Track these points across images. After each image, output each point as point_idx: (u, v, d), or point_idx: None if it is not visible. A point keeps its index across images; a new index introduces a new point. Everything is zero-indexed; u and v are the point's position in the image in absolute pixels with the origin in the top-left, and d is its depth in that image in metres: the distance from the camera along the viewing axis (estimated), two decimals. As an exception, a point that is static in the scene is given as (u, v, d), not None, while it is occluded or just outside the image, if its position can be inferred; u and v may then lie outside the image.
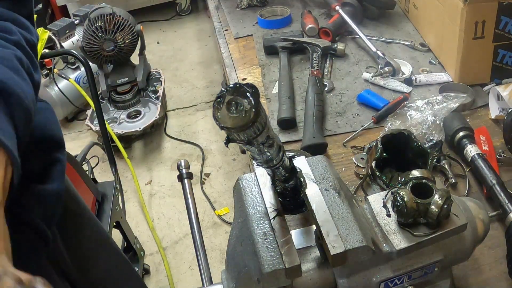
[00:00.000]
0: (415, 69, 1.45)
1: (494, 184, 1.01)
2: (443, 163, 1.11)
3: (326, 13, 1.79)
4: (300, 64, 1.55)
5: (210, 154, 2.86)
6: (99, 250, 1.14)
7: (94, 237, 1.13)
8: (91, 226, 1.13)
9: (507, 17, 1.22)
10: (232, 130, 0.55)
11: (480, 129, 1.18)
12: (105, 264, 1.14)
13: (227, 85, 0.59)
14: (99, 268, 1.10)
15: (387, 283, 0.74)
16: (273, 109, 1.36)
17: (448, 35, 1.34)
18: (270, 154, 0.65)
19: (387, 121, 1.23)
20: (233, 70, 1.58)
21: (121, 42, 2.70)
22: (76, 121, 3.23)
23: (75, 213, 1.05)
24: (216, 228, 2.43)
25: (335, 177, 0.77)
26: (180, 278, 2.24)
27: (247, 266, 0.69)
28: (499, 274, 0.91)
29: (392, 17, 1.71)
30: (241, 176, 0.80)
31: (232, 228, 0.79)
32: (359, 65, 1.52)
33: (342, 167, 1.16)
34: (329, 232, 0.68)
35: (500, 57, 1.29)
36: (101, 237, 1.17)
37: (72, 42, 3.02)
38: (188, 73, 3.61)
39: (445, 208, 0.70)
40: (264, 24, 1.78)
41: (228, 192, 2.58)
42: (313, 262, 0.74)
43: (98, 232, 1.17)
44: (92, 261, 1.08)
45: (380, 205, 0.76)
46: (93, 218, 1.17)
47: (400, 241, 0.71)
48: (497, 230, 0.97)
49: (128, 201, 2.53)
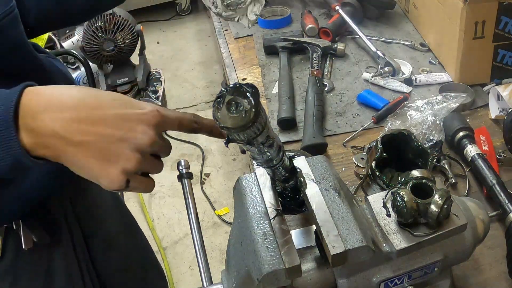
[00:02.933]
0: (415, 69, 1.45)
1: (494, 184, 1.01)
2: (443, 163, 1.11)
3: (326, 13, 1.79)
4: (300, 64, 1.55)
5: (210, 154, 2.86)
6: (124, 232, 1.20)
7: (121, 220, 1.20)
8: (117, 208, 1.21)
9: (507, 17, 1.22)
10: (232, 130, 0.55)
11: (480, 129, 1.18)
12: (127, 249, 1.18)
13: (227, 85, 0.59)
14: (121, 251, 1.15)
15: (387, 283, 0.74)
16: (273, 109, 1.36)
17: (448, 35, 1.34)
18: (270, 154, 0.65)
19: (387, 121, 1.23)
20: (233, 70, 1.58)
21: (121, 42, 2.70)
22: (76, 121, 3.22)
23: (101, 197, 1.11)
24: (216, 228, 2.43)
25: (335, 177, 0.77)
26: (180, 278, 2.24)
27: (247, 266, 0.69)
28: (499, 274, 0.91)
29: (392, 17, 1.71)
30: (241, 176, 0.80)
31: (232, 228, 0.79)
32: (359, 65, 1.52)
33: (342, 167, 1.16)
34: (329, 232, 0.68)
35: (500, 57, 1.29)
36: (128, 222, 1.24)
37: (72, 42, 3.02)
38: (188, 73, 3.61)
39: (445, 208, 0.70)
40: (264, 24, 1.77)
41: (228, 192, 2.58)
42: (313, 262, 0.74)
43: (126, 215, 1.24)
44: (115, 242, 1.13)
45: (380, 205, 0.76)
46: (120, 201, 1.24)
47: (400, 241, 0.71)
48: (497, 230, 0.97)
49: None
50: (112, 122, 0.58)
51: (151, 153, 0.61)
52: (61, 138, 0.57)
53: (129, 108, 0.60)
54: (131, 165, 0.59)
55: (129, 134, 0.58)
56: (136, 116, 0.59)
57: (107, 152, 0.57)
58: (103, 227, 1.10)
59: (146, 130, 0.59)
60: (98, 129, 0.57)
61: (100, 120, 0.58)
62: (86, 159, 0.58)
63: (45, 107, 0.57)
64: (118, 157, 0.58)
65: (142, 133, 0.59)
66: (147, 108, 0.60)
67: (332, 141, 1.24)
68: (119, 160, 0.58)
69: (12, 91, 0.57)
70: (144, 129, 0.59)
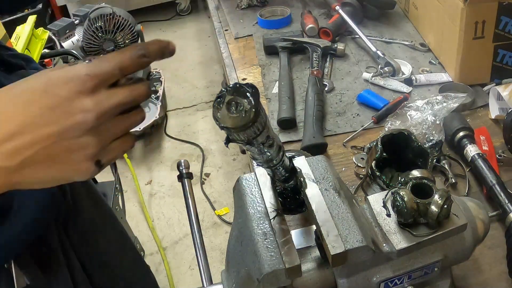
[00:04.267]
0: (415, 69, 1.45)
1: (494, 184, 1.01)
2: (443, 163, 1.11)
3: (326, 13, 1.79)
4: (300, 64, 1.55)
5: (210, 154, 2.86)
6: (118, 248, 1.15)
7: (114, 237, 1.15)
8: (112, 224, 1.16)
9: (507, 17, 1.22)
10: (232, 130, 0.55)
11: (480, 129, 1.18)
12: (123, 260, 1.15)
13: (227, 85, 0.59)
14: (116, 263, 1.11)
15: (387, 283, 0.74)
16: (273, 109, 1.36)
17: (448, 35, 1.34)
18: (270, 154, 0.65)
19: (387, 121, 1.23)
20: (233, 70, 1.58)
21: (121, 42, 2.71)
22: (76, 121, 3.23)
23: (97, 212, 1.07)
24: (216, 228, 2.43)
25: (335, 177, 0.77)
26: (180, 278, 2.24)
27: (247, 266, 0.69)
28: (499, 274, 0.91)
29: (392, 17, 1.71)
30: (241, 176, 0.80)
31: (232, 228, 0.79)
32: (359, 65, 1.52)
33: (342, 167, 1.16)
34: (329, 232, 0.68)
35: (500, 57, 1.29)
36: (121, 236, 1.20)
37: (72, 42, 3.02)
38: (188, 73, 3.61)
39: (445, 208, 0.70)
40: (264, 24, 1.77)
41: (228, 192, 2.58)
42: (313, 262, 0.74)
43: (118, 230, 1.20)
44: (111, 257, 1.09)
45: (380, 205, 0.76)
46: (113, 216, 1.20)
47: (400, 241, 0.71)
48: (497, 230, 0.97)
49: (128, 201, 2.53)
50: (41, 121, 0.47)
51: (115, 114, 0.51)
52: (1, 170, 0.48)
53: (51, 93, 0.48)
54: (91, 150, 0.49)
55: (66, 122, 0.48)
56: (63, 98, 0.48)
57: (55, 154, 0.49)
58: (98, 247, 1.04)
59: (82, 104, 0.48)
60: (31, 138, 0.47)
61: (27, 127, 0.47)
62: (42, 173, 0.49)
63: None
64: (71, 151, 0.49)
65: (80, 111, 0.48)
66: (71, 77, 0.49)
67: (332, 141, 1.24)
68: (74, 153, 0.49)
69: None
70: (80, 105, 0.48)
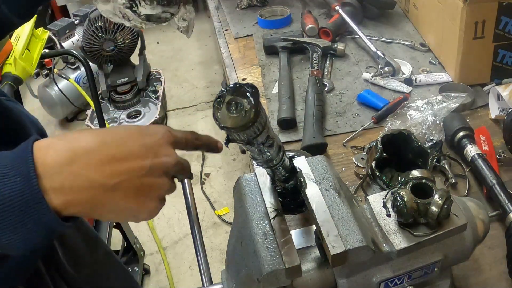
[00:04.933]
0: (415, 69, 1.45)
1: (494, 184, 1.01)
2: (443, 163, 1.11)
3: (326, 13, 1.79)
4: (300, 64, 1.55)
5: (210, 154, 2.85)
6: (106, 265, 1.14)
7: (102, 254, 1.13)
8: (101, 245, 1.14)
9: (507, 17, 1.22)
10: (232, 130, 0.55)
11: (480, 129, 1.18)
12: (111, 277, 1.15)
13: (227, 85, 0.59)
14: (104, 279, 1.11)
15: (387, 283, 0.74)
16: (273, 109, 1.36)
17: (448, 35, 1.34)
18: (270, 154, 0.65)
19: (387, 121, 1.23)
20: (233, 70, 1.58)
21: (121, 42, 2.70)
22: (76, 121, 3.23)
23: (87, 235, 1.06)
24: (216, 228, 2.43)
25: (335, 177, 0.77)
26: (180, 278, 2.24)
27: (247, 266, 0.69)
28: (499, 274, 0.91)
29: (392, 17, 1.71)
30: (241, 176, 0.80)
31: (232, 228, 0.79)
32: (359, 65, 1.52)
33: (342, 167, 1.16)
34: (329, 232, 0.68)
35: (500, 57, 1.29)
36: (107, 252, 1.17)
37: (72, 42, 3.02)
38: (188, 73, 3.61)
39: (445, 208, 0.70)
40: (264, 24, 1.77)
41: (228, 192, 2.58)
42: (313, 262, 0.74)
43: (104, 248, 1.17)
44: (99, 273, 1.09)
45: (380, 205, 0.76)
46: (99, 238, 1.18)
47: (400, 241, 0.71)
48: (497, 230, 0.97)
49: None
50: (139, 154, 0.57)
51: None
52: (99, 186, 0.53)
53: (146, 135, 0.59)
54: (164, 190, 0.60)
55: (156, 160, 0.57)
56: (155, 141, 0.59)
57: (142, 186, 0.56)
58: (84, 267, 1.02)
59: (167, 151, 0.59)
60: (129, 165, 0.55)
61: (128, 156, 0.56)
62: (125, 200, 0.56)
63: (69, 158, 0.52)
64: (152, 187, 0.58)
65: (166, 155, 0.59)
66: (160, 131, 0.60)
67: (332, 141, 1.24)
68: (153, 190, 0.58)
69: (21, 153, 0.52)
70: (166, 151, 0.59)
